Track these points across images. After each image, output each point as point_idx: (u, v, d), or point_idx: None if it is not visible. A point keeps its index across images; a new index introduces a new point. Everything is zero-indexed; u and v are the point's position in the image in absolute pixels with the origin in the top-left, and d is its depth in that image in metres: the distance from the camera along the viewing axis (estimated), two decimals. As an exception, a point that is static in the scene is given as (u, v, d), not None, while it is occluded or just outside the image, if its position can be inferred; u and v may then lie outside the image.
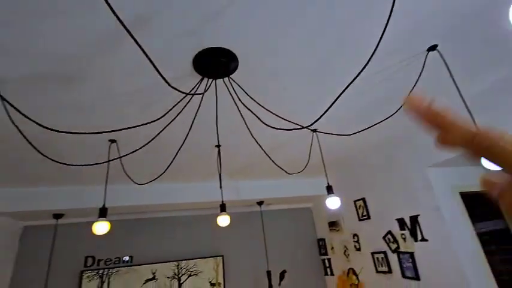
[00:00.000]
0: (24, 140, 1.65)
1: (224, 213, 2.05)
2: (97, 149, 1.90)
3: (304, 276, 3.44)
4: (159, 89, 1.42)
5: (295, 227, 3.68)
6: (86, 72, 1.24)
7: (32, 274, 2.72)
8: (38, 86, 1.28)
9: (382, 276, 2.56)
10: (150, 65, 1.25)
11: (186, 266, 3.11)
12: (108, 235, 3.00)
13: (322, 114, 1.23)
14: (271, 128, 1.78)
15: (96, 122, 1.57)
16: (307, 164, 2.42)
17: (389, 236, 2.47)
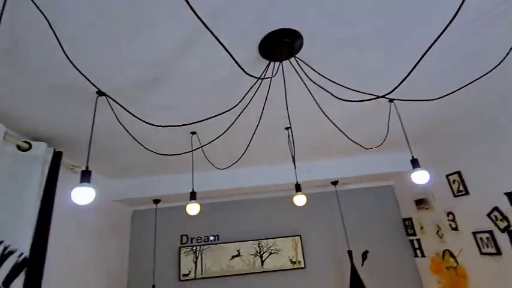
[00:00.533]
0: (129, 139, 1.95)
1: (300, 193, 2.06)
2: (182, 141, 2.12)
3: (391, 257, 3.25)
4: (230, 80, 1.48)
5: (376, 207, 3.47)
6: (171, 73, 1.38)
7: (143, 248, 3.28)
8: (135, 90, 1.49)
9: (488, 259, 2.23)
10: (221, 59, 1.31)
11: (267, 245, 3.28)
12: (197, 217, 3.37)
13: (405, 77, 1.09)
14: (344, 101, 1.68)
15: (181, 115, 1.74)
16: (385, 137, 2.21)
17: (495, 213, 2.11)
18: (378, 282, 3.13)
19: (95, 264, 2.57)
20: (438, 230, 2.77)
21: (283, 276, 3.18)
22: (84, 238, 2.44)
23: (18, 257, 1.57)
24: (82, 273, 2.35)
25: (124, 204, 3.25)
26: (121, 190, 2.97)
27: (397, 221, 3.41)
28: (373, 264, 3.22)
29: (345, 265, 3.15)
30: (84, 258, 2.41)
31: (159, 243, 3.28)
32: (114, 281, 2.91)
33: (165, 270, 3.20)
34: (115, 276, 2.94)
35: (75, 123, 1.76)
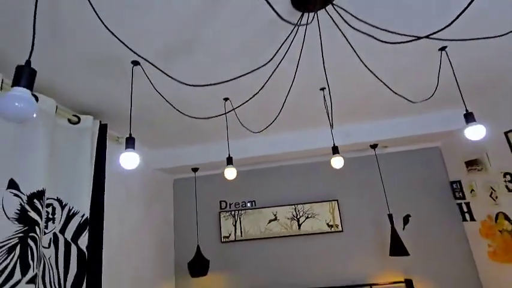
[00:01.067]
0: (166, 108, 2.00)
1: (337, 155, 2.00)
2: (215, 108, 2.12)
3: (435, 221, 3.12)
4: (260, 37, 1.40)
5: (419, 170, 3.28)
6: (200, 35, 1.34)
7: (186, 214, 3.51)
8: (165, 58, 1.48)
9: (552, 222, 2.02)
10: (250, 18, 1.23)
11: (303, 209, 3.32)
12: (235, 183, 3.49)
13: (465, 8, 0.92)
14: (388, 53, 1.53)
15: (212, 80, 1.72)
16: (435, 89, 2.00)
17: None
18: (421, 246, 3.06)
19: (144, 227, 2.81)
20: (492, 193, 2.56)
21: (321, 239, 3.24)
22: (133, 204, 2.66)
23: (81, 217, 1.75)
24: (134, 236, 2.59)
25: (165, 173, 3.45)
26: (162, 159, 3.13)
27: (443, 185, 3.21)
28: (415, 228, 3.12)
29: (384, 229, 3.10)
30: (134, 222, 2.65)
31: (200, 209, 3.48)
32: (163, 243, 3.19)
33: (207, 233, 3.42)
34: (163, 239, 3.22)
35: (115, 95, 1.83)
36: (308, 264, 3.19)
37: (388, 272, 3.05)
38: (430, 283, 2.97)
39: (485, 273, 2.84)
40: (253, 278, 3.23)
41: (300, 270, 3.19)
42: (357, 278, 3.08)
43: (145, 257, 2.76)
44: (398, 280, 3.01)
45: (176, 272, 3.37)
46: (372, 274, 3.07)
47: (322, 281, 3.11)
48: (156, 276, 2.93)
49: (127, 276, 2.41)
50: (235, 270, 3.28)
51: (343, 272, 3.12)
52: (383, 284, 3.01)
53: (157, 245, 3.04)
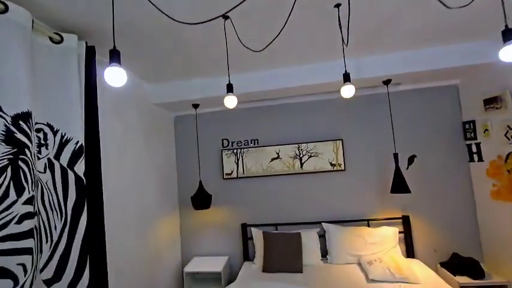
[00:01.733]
0: (157, 24, 1.76)
1: (348, 83, 1.81)
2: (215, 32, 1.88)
3: (441, 162, 3.06)
4: None
5: (432, 109, 3.10)
6: None
7: (188, 151, 3.49)
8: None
9: None
10: None
11: (306, 148, 3.26)
12: (237, 121, 3.38)
13: None
14: None
15: None
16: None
17: None
18: (422, 186, 3.06)
19: (145, 162, 2.80)
20: (507, 131, 2.42)
21: (322, 177, 3.24)
22: (132, 136, 2.60)
23: (75, 144, 1.69)
24: (134, 169, 2.59)
25: (165, 109, 3.33)
26: (160, 94, 2.98)
27: (455, 125, 3.07)
28: (419, 168, 3.08)
29: (388, 169, 3.07)
30: (135, 156, 2.62)
31: (201, 147, 3.45)
32: (166, 178, 3.23)
33: (210, 169, 3.44)
34: (166, 174, 3.25)
35: (98, 10, 1.59)
36: (308, 201, 3.26)
37: (387, 209, 3.12)
38: (426, 220, 3.05)
39: (484, 212, 2.87)
40: (254, 213, 3.34)
41: (300, 206, 3.27)
42: (356, 215, 3.16)
43: (149, 190, 2.82)
44: (395, 216, 3.08)
45: (180, 205, 3.50)
46: (371, 211, 3.14)
47: (321, 217, 3.21)
48: (160, 208, 3.04)
49: (132, 206, 2.48)
50: (237, 205, 3.39)
51: (343, 209, 3.19)
52: (380, 220, 3.09)
53: (160, 179, 3.08)
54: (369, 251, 2.85)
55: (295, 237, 2.99)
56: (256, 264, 3.03)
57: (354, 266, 2.83)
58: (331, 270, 2.76)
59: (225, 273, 3.07)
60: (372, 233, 2.94)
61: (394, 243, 2.90)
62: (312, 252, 2.99)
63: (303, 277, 2.64)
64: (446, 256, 2.96)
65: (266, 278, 2.71)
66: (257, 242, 3.14)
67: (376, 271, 2.53)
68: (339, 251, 2.95)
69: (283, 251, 2.90)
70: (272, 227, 3.27)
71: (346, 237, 2.97)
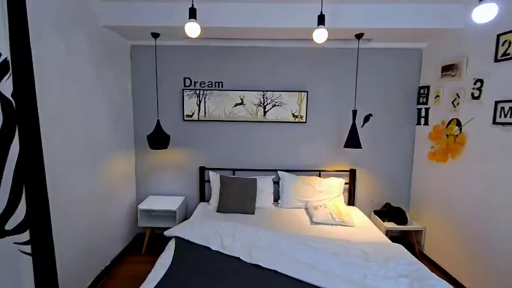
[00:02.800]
0: None
1: (322, 27, 1.72)
2: None
3: (392, 123, 3.27)
4: None
5: (395, 71, 3.20)
6: None
7: (145, 86, 3.22)
8: None
9: (498, 128, 2.16)
10: None
11: (271, 97, 3.22)
12: (201, 60, 3.15)
13: None
14: None
15: None
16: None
17: (537, 81, 1.86)
18: (372, 144, 3.28)
19: (96, 93, 2.53)
20: (455, 99, 2.61)
21: (284, 127, 3.29)
22: (78, 63, 2.28)
23: (-2, 58, 1.41)
24: (82, 100, 2.33)
25: (120, 35, 2.93)
26: (114, 15, 2.57)
27: (412, 89, 3.23)
28: (372, 128, 3.27)
29: (345, 124, 3.20)
30: (82, 84, 2.34)
31: (161, 84, 3.20)
32: (120, 114, 2.99)
33: (169, 109, 3.26)
34: (121, 109, 3.01)
35: None
36: (267, 149, 3.33)
37: (337, 162, 3.34)
38: (369, 174, 3.36)
39: (418, 170, 3.23)
40: (212, 157, 3.35)
41: (258, 154, 3.34)
42: (310, 165, 3.35)
43: (99, 122, 2.60)
44: (344, 169, 3.33)
45: (136, 143, 3.34)
46: (324, 163, 3.35)
47: (277, 165, 3.35)
48: (113, 143, 2.87)
49: (79, 137, 2.29)
50: (196, 148, 3.35)
51: (299, 159, 3.34)
52: (331, 171, 3.32)
53: (113, 113, 2.84)
54: (316, 198, 3.11)
55: (251, 182, 3.11)
56: (211, 205, 3.14)
57: (301, 210, 3.09)
58: (281, 213, 2.98)
59: (180, 212, 3.15)
60: (321, 183, 3.17)
61: (339, 192, 3.19)
62: (265, 197, 3.16)
63: (254, 218, 2.82)
64: (380, 205, 3.37)
65: (219, 217, 2.84)
66: (214, 185, 3.21)
67: (319, 215, 2.79)
68: (289, 196, 3.17)
69: (239, 195, 3.02)
70: (230, 171, 3.33)
71: (298, 184, 3.17)
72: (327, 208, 2.90)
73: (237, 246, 2.11)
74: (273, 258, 1.94)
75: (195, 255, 2.05)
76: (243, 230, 2.29)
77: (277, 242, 2.14)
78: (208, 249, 2.11)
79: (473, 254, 2.40)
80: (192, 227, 2.37)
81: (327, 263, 1.90)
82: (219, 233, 2.26)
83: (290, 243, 2.13)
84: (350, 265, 1.90)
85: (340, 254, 2.05)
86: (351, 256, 2.04)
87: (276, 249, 2.07)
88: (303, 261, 1.94)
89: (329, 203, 3.01)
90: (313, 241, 2.23)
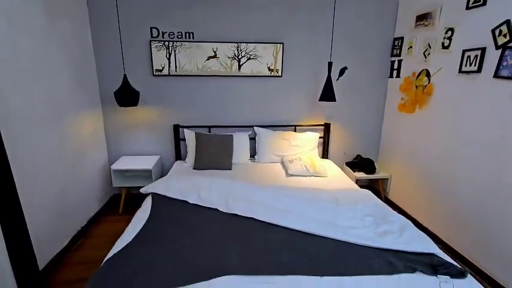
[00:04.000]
0: None
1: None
2: None
3: (366, 76, 3.30)
4: None
5: (372, 23, 3.14)
6: None
7: (107, 39, 2.93)
8: None
9: (463, 77, 2.25)
10: None
11: (246, 49, 3.08)
12: (169, 8, 2.89)
13: None
14: None
15: None
16: None
17: (503, 27, 1.91)
18: (347, 97, 3.33)
19: (51, 44, 2.27)
20: (426, 49, 2.65)
21: (259, 82, 3.22)
22: (25, 9, 1.98)
23: None
24: (36, 53, 2.08)
25: (70, -25, 2.55)
26: None
27: (387, 41, 3.22)
28: (347, 80, 3.28)
29: (320, 78, 3.18)
30: (35, 34, 2.07)
31: (125, 34, 2.91)
32: (81, 68, 2.74)
33: (137, 63, 3.03)
34: (81, 63, 2.74)
35: None
36: (242, 105, 3.27)
37: (313, 117, 3.38)
38: (342, 128, 3.46)
39: (388, 122, 3.37)
40: (187, 114, 3.25)
41: (234, 109, 3.28)
42: (286, 120, 3.37)
43: (60, 82, 2.38)
44: (319, 123, 3.39)
45: (103, 101, 3.13)
46: (299, 117, 3.38)
47: (253, 121, 3.32)
48: (78, 104, 2.67)
49: (37, 95, 2.09)
50: (169, 105, 3.21)
51: (275, 114, 3.34)
52: (306, 126, 3.37)
53: (74, 70, 2.60)
54: (292, 151, 3.18)
55: (227, 138, 3.09)
56: (188, 162, 3.12)
57: (277, 165, 3.16)
58: (257, 168, 3.04)
59: (156, 171, 3.11)
60: (297, 137, 3.23)
61: (314, 146, 3.28)
62: (241, 153, 3.17)
63: (230, 173, 2.86)
64: (352, 157, 3.53)
65: (196, 173, 2.85)
66: (189, 142, 3.15)
67: (294, 167, 2.88)
68: (266, 152, 3.21)
69: (215, 151, 3.01)
70: (205, 129, 3.27)
71: (274, 140, 3.20)
72: (302, 161, 2.99)
73: (214, 198, 2.15)
74: (250, 207, 2.01)
75: (172, 208, 2.07)
76: (219, 183, 2.32)
77: (254, 192, 2.21)
78: (186, 203, 2.13)
79: (433, 197, 2.64)
80: (169, 183, 2.37)
81: (301, 208, 2.01)
82: (196, 187, 2.28)
83: (266, 193, 2.20)
84: (322, 209, 2.02)
85: (314, 200, 2.17)
86: (323, 201, 2.16)
87: (253, 199, 2.13)
88: (279, 208, 2.03)
89: (304, 156, 3.10)
90: (288, 190, 2.33)
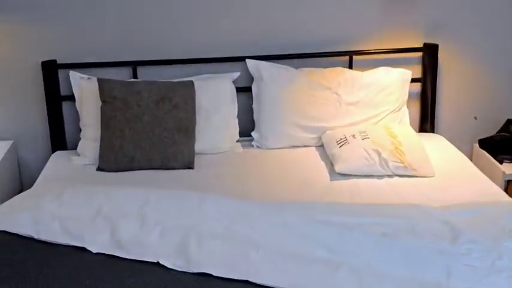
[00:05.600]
0: None
1: None
2: None
3: None
4: None
5: None
6: None
7: None
8: None
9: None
10: None
11: None
12: None
13: None
14: None
15: None
16: None
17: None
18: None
19: None
20: None
21: None
22: None
23: None
24: None
25: None
26: None
27: None
28: None
29: None
30: None
31: None
32: None
33: None
34: None
35: None
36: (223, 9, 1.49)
37: (393, 31, 1.56)
38: (466, 54, 1.59)
39: None
40: (76, 34, 1.47)
41: (196, 13, 1.50)
42: (325, 41, 1.55)
43: None
44: (410, 47, 1.55)
45: None
46: (359, 34, 1.56)
47: (246, 42, 1.53)
48: None
49: None
50: (35, 16, 1.43)
51: (296, 29, 1.54)
52: (376, 52, 1.55)
53: None
54: (344, 119, 1.43)
55: (182, 92, 1.35)
56: (83, 155, 1.40)
57: (308, 151, 1.42)
58: (258, 161, 1.37)
59: (3, 179, 1.37)
60: (356, 82, 1.44)
61: (399, 102, 1.47)
62: (218, 127, 1.44)
63: (192, 176, 1.27)
64: (494, 128, 1.58)
65: (105, 181, 1.22)
66: (86, 106, 1.40)
67: (350, 156, 1.24)
68: (279, 120, 1.44)
69: (151, 125, 1.32)
70: (125, 70, 1.46)
71: (299, 90, 1.43)
72: (369, 139, 1.31)
73: (153, 238, 0.91)
74: (241, 256, 0.83)
75: (48, 269, 0.79)
76: (166, 203, 0.99)
77: (250, 220, 0.93)
78: (83, 253, 0.90)
79: None
80: (39, 210, 1.02)
81: (371, 254, 0.82)
82: (108, 214, 0.94)
83: (282, 222, 0.90)
84: (417, 253, 0.85)
85: (398, 234, 0.90)
86: (421, 236, 0.90)
87: (248, 236, 0.89)
88: (316, 255, 0.81)
89: (375, 129, 1.40)
90: (336, 213, 0.95)
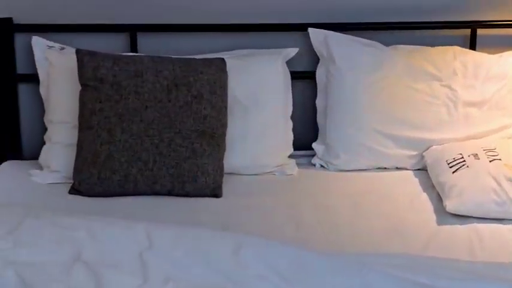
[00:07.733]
0: None
1: None
2: None
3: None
4: None
5: None
6: None
7: None
8: None
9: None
10: None
11: None
12: None
13: None
14: None
15: None
16: None
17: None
18: None
19: None
20: None
21: None
22: None
23: None
24: None
25: None
26: None
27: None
28: None
29: None
30: None
31: None
32: None
33: None
34: None
35: None
36: None
37: None
38: None
39: None
40: None
41: None
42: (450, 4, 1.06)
43: None
44: None
45: None
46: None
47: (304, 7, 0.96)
48: None
49: None
50: None
51: None
52: None
53: None
54: (461, 128, 0.92)
55: (208, 76, 0.85)
56: (50, 170, 0.90)
57: (404, 177, 0.91)
58: (326, 191, 0.86)
59: None
60: (482, 69, 0.94)
61: None
62: (259, 131, 0.94)
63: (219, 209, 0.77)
64: None
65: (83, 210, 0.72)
66: (56, 91, 0.92)
67: (470, 189, 0.72)
68: (358, 126, 0.94)
69: (157, 131, 0.88)
70: (118, 36, 0.95)
71: (391, 79, 0.94)
72: (501, 162, 0.82)
73: None
74: None
75: None
76: (181, 249, 0.47)
77: (314, 279, 0.44)
78: None
79: None
80: None
81: None
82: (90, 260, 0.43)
83: (361, 283, 0.41)
84: None
85: None
86: None
87: None
88: None
89: (508, 147, 0.89)
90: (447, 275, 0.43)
